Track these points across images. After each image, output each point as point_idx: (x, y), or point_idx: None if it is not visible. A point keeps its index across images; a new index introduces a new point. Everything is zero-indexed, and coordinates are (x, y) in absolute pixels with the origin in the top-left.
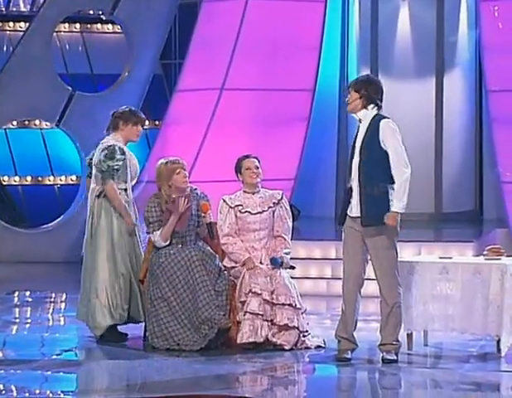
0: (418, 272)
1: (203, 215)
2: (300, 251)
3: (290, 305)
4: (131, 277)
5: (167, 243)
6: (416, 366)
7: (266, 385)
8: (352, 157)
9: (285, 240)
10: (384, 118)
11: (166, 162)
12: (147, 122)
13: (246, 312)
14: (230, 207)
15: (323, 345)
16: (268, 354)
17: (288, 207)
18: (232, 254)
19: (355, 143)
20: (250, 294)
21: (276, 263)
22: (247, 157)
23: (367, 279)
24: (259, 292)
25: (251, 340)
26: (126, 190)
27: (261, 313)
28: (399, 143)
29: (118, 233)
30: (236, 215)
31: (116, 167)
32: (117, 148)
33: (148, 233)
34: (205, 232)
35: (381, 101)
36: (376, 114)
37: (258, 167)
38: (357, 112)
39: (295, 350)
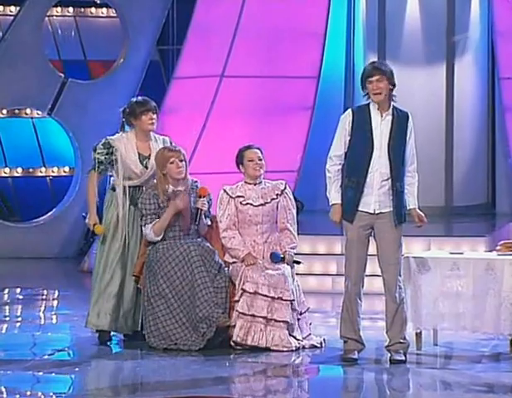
0: (428, 268)
1: (198, 198)
2: (304, 246)
3: (284, 300)
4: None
5: (159, 238)
6: (425, 366)
7: (268, 386)
8: (371, 150)
9: (291, 232)
10: (405, 111)
11: (164, 149)
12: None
13: (237, 311)
14: (231, 197)
15: (318, 345)
16: (270, 354)
17: (292, 197)
18: (231, 249)
19: (371, 135)
20: (242, 293)
21: (276, 258)
22: (249, 147)
23: (374, 276)
24: (251, 290)
25: (243, 342)
26: (129, 187)
27: (250, 313)
28: None
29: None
30: (236, 207)
31: (99, 160)
32: (103, 141)
33: (141, 225)
34: (204, 229)
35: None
36: (394, 107)
37: (261, 159)
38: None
39: (294, 350)
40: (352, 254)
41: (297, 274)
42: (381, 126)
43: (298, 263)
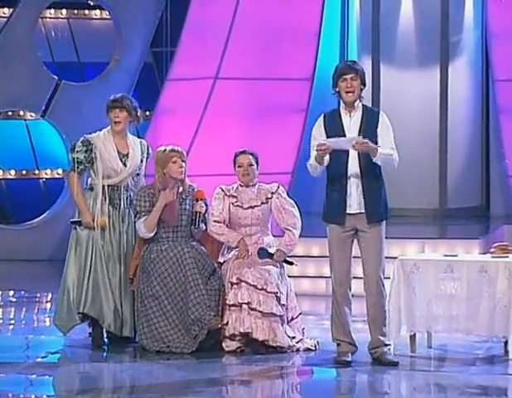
0: (422, 270)
1: (195, 202)
2: (298, 249)
3: (269, 292)
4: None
5: (152, 234)
6: (419, 369)
7: (261, 389)
8: (347, 150)
9: (291, 231)
10: (376, 110)
11: (165, 149)
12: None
13: (227, 305)
14: (226, 195)
15: (313, 348)
16: (263, 357)
17: (287, 196)
18: (222, 235)
19: (344, 135)
20: (230, 287)
21: (262, 254)
22: (243, 152)
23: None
24: (235, 280)
25: (236, 332)
26: (109, 186)
27: (239, 302)
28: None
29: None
30: (229, 206)
31: (78, 159)
32: (81, 139)
33: (135, 223)
34: (200, 234)
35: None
36: (364, 105)
37: (251, 165)
38: (355, 102)
39: (288, 352)
40: (334, 255)
41: (290, 276)
42: (351, 125)
43: (291, 263)
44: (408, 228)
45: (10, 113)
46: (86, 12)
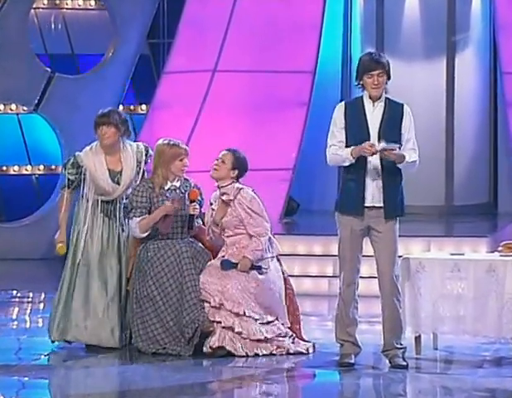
0: (427, 269)
1: (190, 203)
2: (299, 247)
3: (229, 311)
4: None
5: (144, 235)
6: (424, 371)
7: (260, 393)
8: (367, 139)
9: (256, 237)
10: (400, 102)
11: (169, 143)
12: (132, 107)
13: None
14: (213, 202)
15: (306, 352)
16: (262, 359)
17: (251, 200)
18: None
19: (366, 123)
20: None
21: (225, 266)
22: (227, 149)
23: (371, 277)
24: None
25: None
26: (106, 202)
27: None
28: None
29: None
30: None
31: (69, 179)
32: (71, 160)
33: (129, 218)
34: (195, 231)
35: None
36: (387, 98)
37: (224, 162)
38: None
39: (267, 355)
40: (346, 255)
41: (291, 275)
42: (373, 114)
43: (259, 268)
44: (413, 226)
45: (1, 106)
46: (80, 2)
